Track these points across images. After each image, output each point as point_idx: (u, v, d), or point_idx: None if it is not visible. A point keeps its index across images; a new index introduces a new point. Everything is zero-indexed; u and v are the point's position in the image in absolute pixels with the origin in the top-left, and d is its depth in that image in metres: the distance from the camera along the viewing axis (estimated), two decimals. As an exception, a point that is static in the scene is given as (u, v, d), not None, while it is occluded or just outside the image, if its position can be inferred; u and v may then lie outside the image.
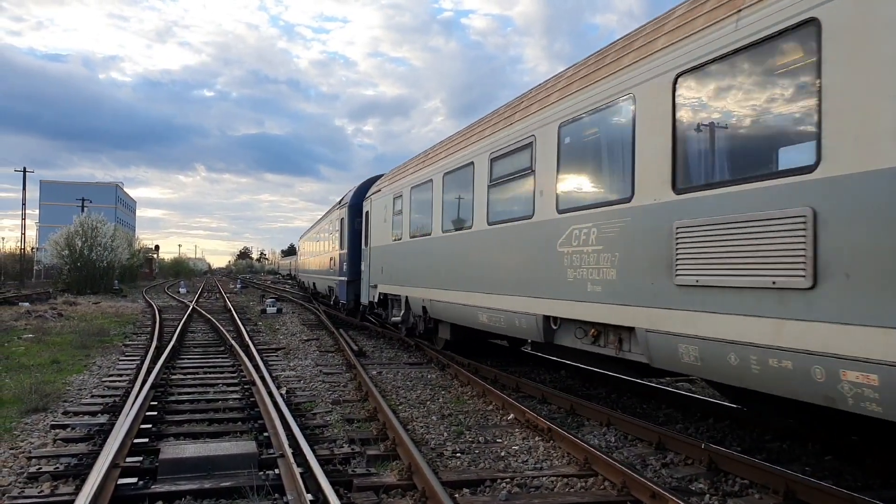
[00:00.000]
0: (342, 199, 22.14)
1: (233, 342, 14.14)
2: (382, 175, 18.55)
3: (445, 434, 7.40)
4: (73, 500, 4.79)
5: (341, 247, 20.74)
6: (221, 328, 17.45)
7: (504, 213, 9.29)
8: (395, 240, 14.67)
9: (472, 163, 10.34)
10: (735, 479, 5.77)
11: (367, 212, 18.05)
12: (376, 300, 16.34)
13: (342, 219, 20.84)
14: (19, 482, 5.62)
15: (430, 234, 12.21)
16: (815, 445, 6.61)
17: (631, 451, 6.72)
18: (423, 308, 12.53)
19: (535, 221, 8.29)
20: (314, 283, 31.39)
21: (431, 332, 13.16)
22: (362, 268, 18.07)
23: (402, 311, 14.11)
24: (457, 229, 10.96)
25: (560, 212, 7.69)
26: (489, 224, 9.65)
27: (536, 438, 7.16)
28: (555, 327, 7.95)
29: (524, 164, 8.66)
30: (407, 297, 13.70)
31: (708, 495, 5.47)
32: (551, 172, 7.94)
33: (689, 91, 5.75)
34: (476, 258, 10.11)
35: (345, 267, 20.01)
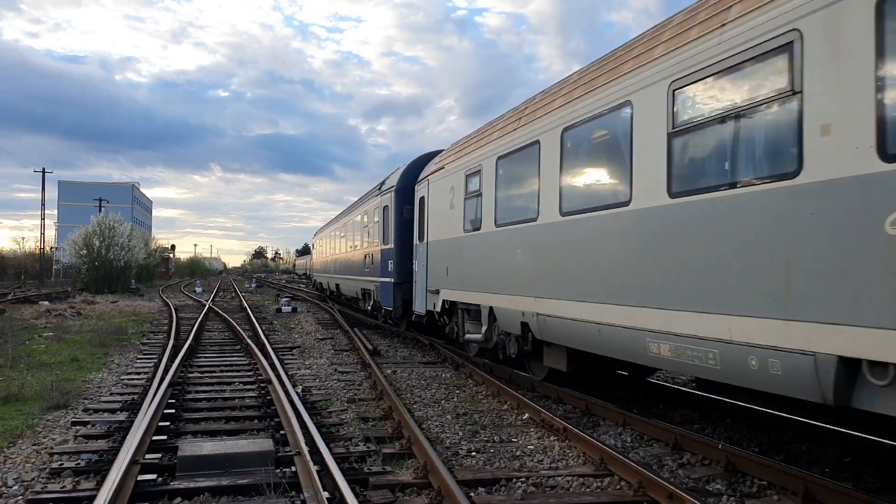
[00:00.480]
0: (384, 183, 18.39)
1: (248, 341, 14.25)
2: (440, 151, 15.05)
3: (460, 433, 7.42)
4: (95, 496, 4.86)
5: (384, 241, 17.23)
6: (237, 327, 17.58)
7: (725, 173, 5.58)
8: (470, 230, 11.21)
9: (630, 102, 6.81)
10: (753, 480, 5.73)
11: (421, 198, 14.53)
12: (438, 309, 12.91)
13: (385, 207, 17.25)
14: (42, 477, 5.71)
15: (535, 220, 8.72)
16: (834, 447, 6.55)
17: (647, 452, 6.70)
18: (524, 325, 9.07)
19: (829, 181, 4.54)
20: (336, 285, 27.96)
21: (527, 357, 9.90)
22: (414, 268, 14.81)
23: (484, 328, 10.54)
24: (593, 209, 7.40)
25: None
26: (675, 196, 6.08)
27: (552, 438, 7.15)
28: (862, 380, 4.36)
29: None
30: (492, 308, 10.20)
31: (725, 496, 5.44)
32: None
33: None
34: (645, 252, 6.49)
35: (390, 266, 16.29)
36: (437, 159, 14.08)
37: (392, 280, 16.10)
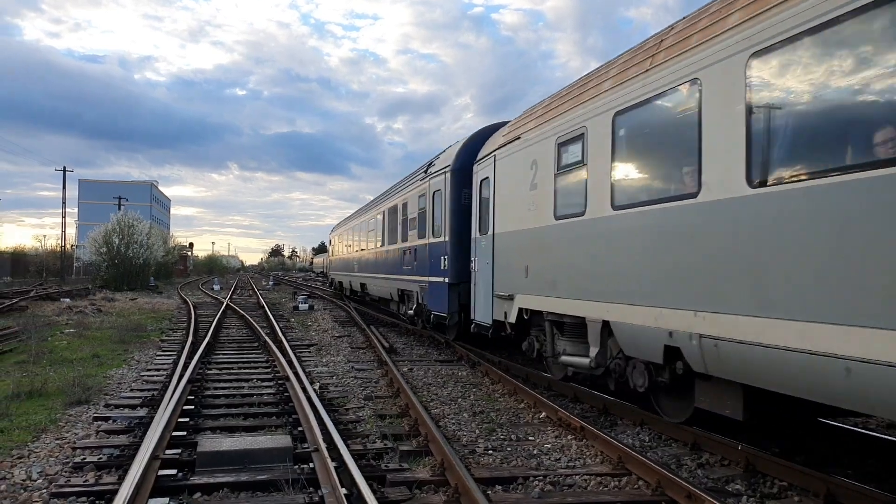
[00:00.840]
0: (431, 164, 15.36)
1: (266, 338, 14.36)
2: (505, 123, 12.10)
3: (477, 431, 7.42)
4: (117, 490, 4.93)
5: (433, 234, 14.43)
6: (255, 324, 17.72)
7: None
8: (566, 216, 8.48)
9: None
10: (773, 480, 5.68)
11: (483, 179, 11.62)
12: (512, 319, 10.09)
13: (435, 193, 14.30)
14: (65, 471, 5.81)
15: (694, 197, 5.99)
16: (857, 448, 6.48)
17: (665, 452, 6.67)
18: (670, 350, 6.33)
19: None
20: (361, 285, 24.99)
21: (662, 392, 7.30)
22: (473, 266, 12.16)
23: (594, 349, 7.80)
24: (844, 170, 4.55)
25: None
26: None
27: (569, 437, 7.13)
28: None
29: None
30: (607, 323, 7.46)
31: (745, 496, 5.40)
32: None
33: None
34: None
35: (443, 263, 13.42)
36: (507, 129, 10.85)
37: (446, 280, 13.29)
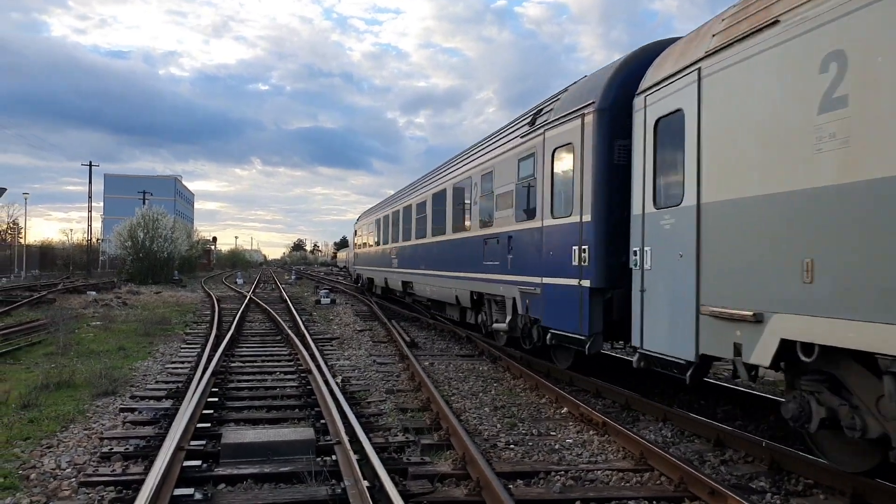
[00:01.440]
0: (542, 109, 10.45)
1: (289, 331, 14.50)
2: (677, 39, 7.71)
3: (498, 426, 7.45)
4: (144, 480, 5.03)
5: (551, 212, 9.44)
6: (277, 318, 17.90)
7: None
8: None
9: None
10: (798, 478, 5.63)
11: (668, 116, 7.13)
12: (767, 362, 5.45)
13: (560, 148, 9.28)
14: (93, 461, 5.94)
15: None
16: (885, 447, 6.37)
17: (688, 448, 6.63)
18: None
19: None
20: (403, 284, 20.32)
21: None
22: (637, 261, 7.62)
23: None
24: None
25: None
26: None
27: (591, 432, 7.13)
28: None
29: None
30: None
31: (770, 494, 5.36)
32: None
33: None
34: None
35: (578, 256, 8.65)
36: (731, 17, 6.34)
37: (583, 283, 8.46)
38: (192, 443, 6.19)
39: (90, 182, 59.91)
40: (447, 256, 15.16)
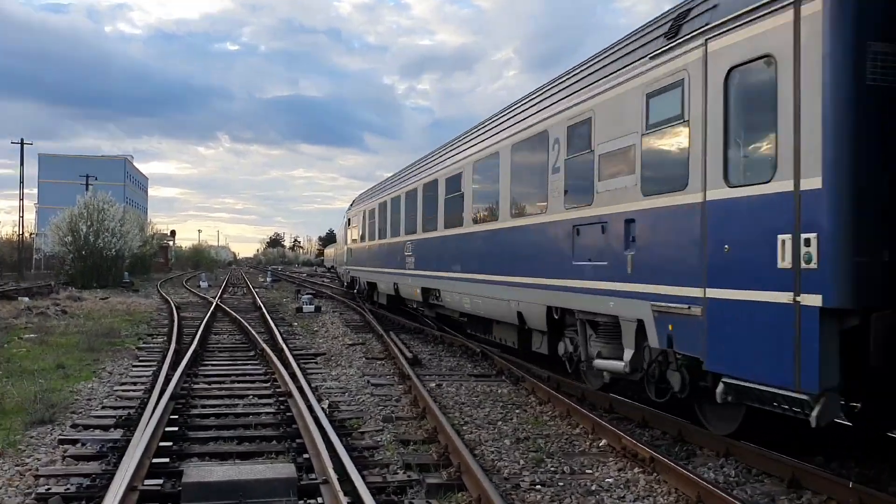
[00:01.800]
0: (691, 9, 7.87)
1: (264, 346, 14.55)
2: None
3: (521, 461, 7.44)
4: (88, 527, 5.05)
5: (727, 174, 7.02)
6: (250, 329, 17.97)
7: None
8: None
9: None
10: (893, 527, 5.59)
11: None
12: None
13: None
14: (26, 504, 5.98)
15: None
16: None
17: (756, 489, 6.62)
18: None
19: None
20: (424, 291, 18.28)
21: None
22: None
23: None
24: None
25: None
26: None
27: (636, 470, 7.11)
28: None
29: None
30: None
31: (857, 547, 5.33)
32: None
33: None
34: None
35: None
36: None
37: (815, 301, 5.94)
38: (147, 482, 6.20)
39: (22, 163, 60.21)
40: (502, 252, 12.82)
